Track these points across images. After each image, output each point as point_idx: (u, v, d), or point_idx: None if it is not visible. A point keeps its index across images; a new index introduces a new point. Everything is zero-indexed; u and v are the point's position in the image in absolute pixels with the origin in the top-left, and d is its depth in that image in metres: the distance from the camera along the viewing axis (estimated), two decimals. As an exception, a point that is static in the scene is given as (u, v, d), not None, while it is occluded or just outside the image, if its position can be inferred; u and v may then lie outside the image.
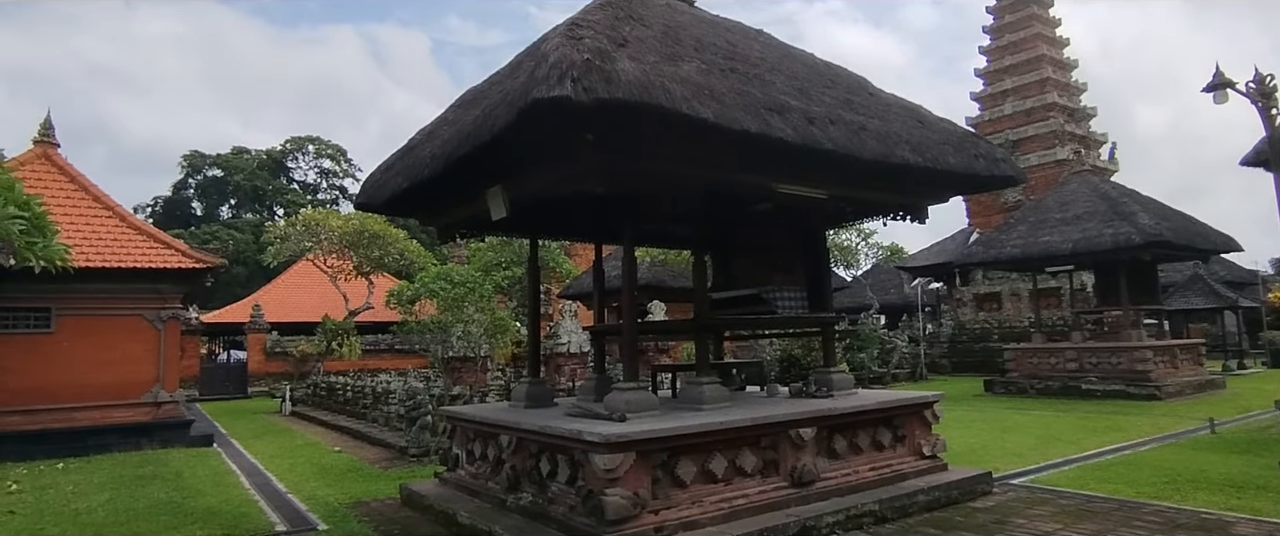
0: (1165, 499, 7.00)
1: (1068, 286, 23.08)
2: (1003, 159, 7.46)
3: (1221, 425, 11.80)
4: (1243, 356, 28.20)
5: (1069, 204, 18.85)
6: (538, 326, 8.57)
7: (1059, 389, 17.88)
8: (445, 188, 6.72)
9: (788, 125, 5.59)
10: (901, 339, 27.20)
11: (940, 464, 7.43)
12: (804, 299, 7.84)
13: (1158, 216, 17.50)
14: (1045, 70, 30.74)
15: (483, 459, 7.18)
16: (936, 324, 31.88)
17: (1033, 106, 30.42)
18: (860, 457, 6.93)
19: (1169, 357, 18.30)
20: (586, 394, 7.62)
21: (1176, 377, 17.74)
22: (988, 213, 30.11)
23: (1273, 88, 9.29)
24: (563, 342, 18.97)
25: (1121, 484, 7.74)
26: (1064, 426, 12.49)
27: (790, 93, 6.13)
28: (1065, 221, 18.25)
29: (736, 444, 6.00)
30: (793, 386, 7.94)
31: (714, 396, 6.65)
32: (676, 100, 4.86)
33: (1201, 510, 6.51)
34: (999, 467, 8.46)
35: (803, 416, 6.43)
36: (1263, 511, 6.46)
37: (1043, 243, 18.25)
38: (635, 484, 5.33)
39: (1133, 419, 13.22)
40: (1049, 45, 31.76)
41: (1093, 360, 18.08)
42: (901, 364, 25.58)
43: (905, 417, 7.39)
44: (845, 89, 6.98)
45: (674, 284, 22.86)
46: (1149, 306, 19.07)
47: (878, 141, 6.26)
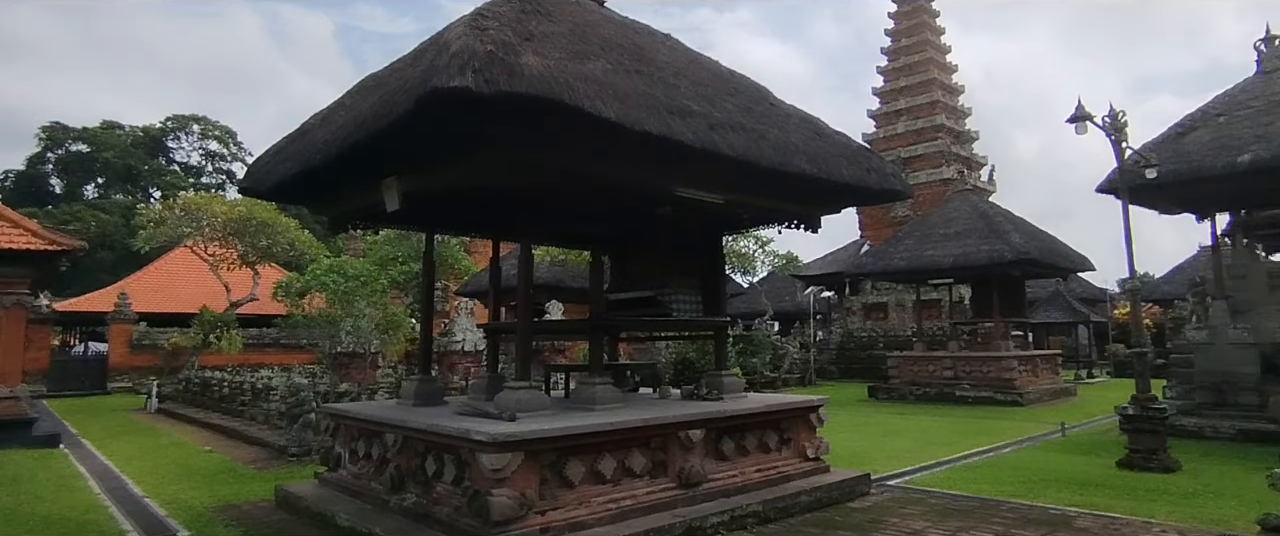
0: (1021, 497, 7.54)
1: (948, 298, 24.54)
2: (892, 174, 7.84)
3: (1071, 429, 12.85)
4: (1092, 367, 30.87)
5: (952, 221, 20.06)
6: (431, 323, 8.33)
7: (936, 395, 18.97)
8: (339, 175, 6.43)
9: (689, 129, 5.66)
10: (793, 345, 28.17)
11: (823, 466, 7.72)
12: (699, 302, 7.99)
13: (1028, 236, 18.89)
14: (935, 93, 32.64)
15: (366, 458, 6.91)
16: (827, 331, 33.19)
17: (923, 127, 32.22)
18: (747, 459, 7.10)
19: (1031, 367, 19.78)
20: (478, 393, 7.48)
21: (1037, 385, 19.19)
22: (878, 226, 31.63)
23: (1124, 123, 10.23)
24: (458, 340, 18.56)
25: (985, 484, 8.29)
26: (939, 430, 13.25)
27: (694, 98, 6.22)
28: (948, 237, 19.41)
29: (627, 445, 6.03)
30: (685, 389, 8.06)
31: (606, 397, 6.65)
32: (580, 98, 4.84)
33: (1050, 506, 7.06)
34: (879, 469, 8.87)
35: (693, 418, 6.53)
36: (1101, 506, 7.07)
37: (927, 256, 19.34)
38: (523, 484, 5.26)
39: (999, 423, 14.20)
40: (940, 70, 33.75)
41: (967, 368, 19.30)
42: (792, 369, 26.48)
43: (791, 421, 7.63)
44: (747, 98, 7.15)
45: (572, 284, 22.79)
46: (1017, 319, 20.53)
47: (776, 150, 6.44)
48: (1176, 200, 13.43)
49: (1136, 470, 8.80)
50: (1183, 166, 11.94)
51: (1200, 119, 13.01)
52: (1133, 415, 9.28)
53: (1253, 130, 11.90)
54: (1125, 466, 8.98)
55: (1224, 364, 12.18)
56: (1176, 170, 11.91)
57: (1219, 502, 7.19)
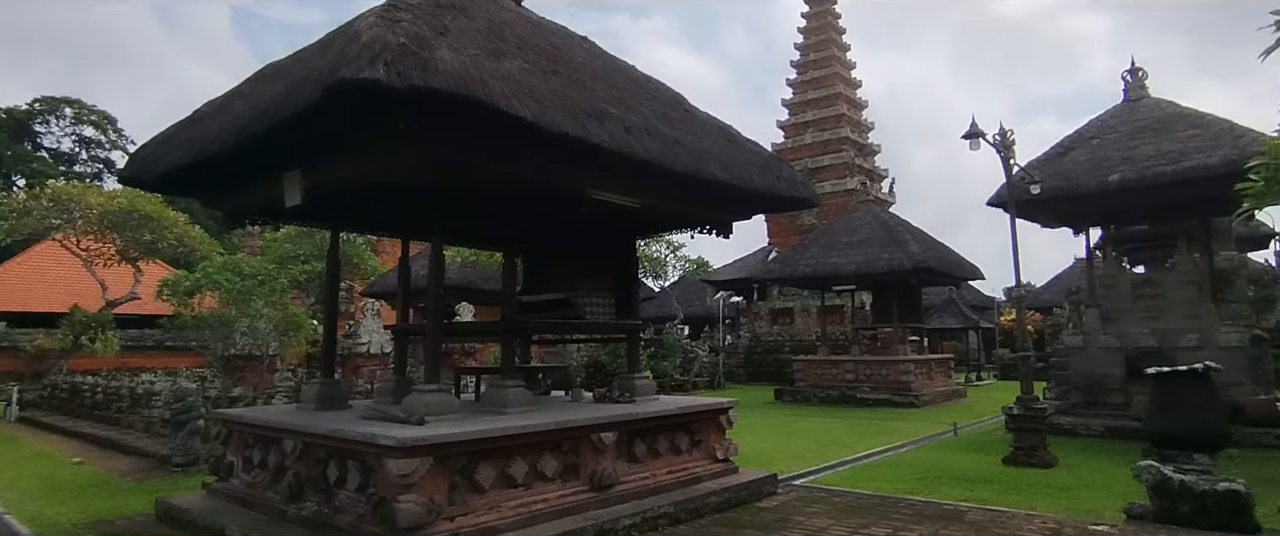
0: (917, 493, 7.91)
1: (850, 304, 25.50)
2: (801, 182, 8.08)
3: (962, 428, 13.59)
4: (980, 370, 32.79)
5: (855, 230, 20.89)
6: (335, 324, 7.99)
7: (838, 397, 19.68)
8: (236, 167, 6.10)
9: (605, 132, 5.67)
10: (703, 348, 28.63)
11: (732, 467, 7.86)
12: (612, 305, 8.00)
13: (925, 246, 19.88)
14: (841, 107, 33.96)
15: (262, 466, 6.55)
16: (735, 335, 33.91)
17: (829, 138, 33.45)
18: (659, 461, 7.15)
19: (926, 370, 20.81)
20: (384, 396, 7.22)
21: (931, 388, 20.21)
22: (785, 233, 32.58)
23: (1012, 141, 10.93)
24: (363, 342, 17.92)
25: (884, 482, 8.65)
26: (841, 431, 13.75)
27: (610, 101, 6.23)
28: (851, 245, 20.20)
29: (539, 448, 5.96)
30: (597, 391, 8.04)
31: (518, 400, 6.56)
32: (496, 96, 4.76)
33: (944, 502, 7.43)
34: (785, 469, 9.11)
35: (605, 421, 6.52)
36: (989, 500, 7.51)
37: (831, 264, 20.06)
38: (431, 490, 5.11)
39: (896, 423, 14.86)
40: (845, 85, 35.14)
41: (867, 371, 20.12)
42: (701, 372, 26.90)
43: (702, 423, 7.73)
44: (663, 103, 7.23)
45: (484, 286, 22.41)
46: (913, 325, 21.55)
47: (690, 156, 6.53)
48: (1056, 215, 14.46)
49: (1020, 466, 9.39)
50: (1062, 184, 12.87)
51: (1077, 140, 14.06)
52: (1017, 415, 9.90)
53: (1121, 153, 12.96)
54: (1010, 463, 9.56)
55: (1095, 367, 13.18)
56: (1057, 187, 12.83)
57: (1091, 494, 7.75)
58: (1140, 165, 12.37)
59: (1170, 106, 13.65)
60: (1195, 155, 11.87)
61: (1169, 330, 12.66)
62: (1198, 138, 12.26)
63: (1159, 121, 13.23)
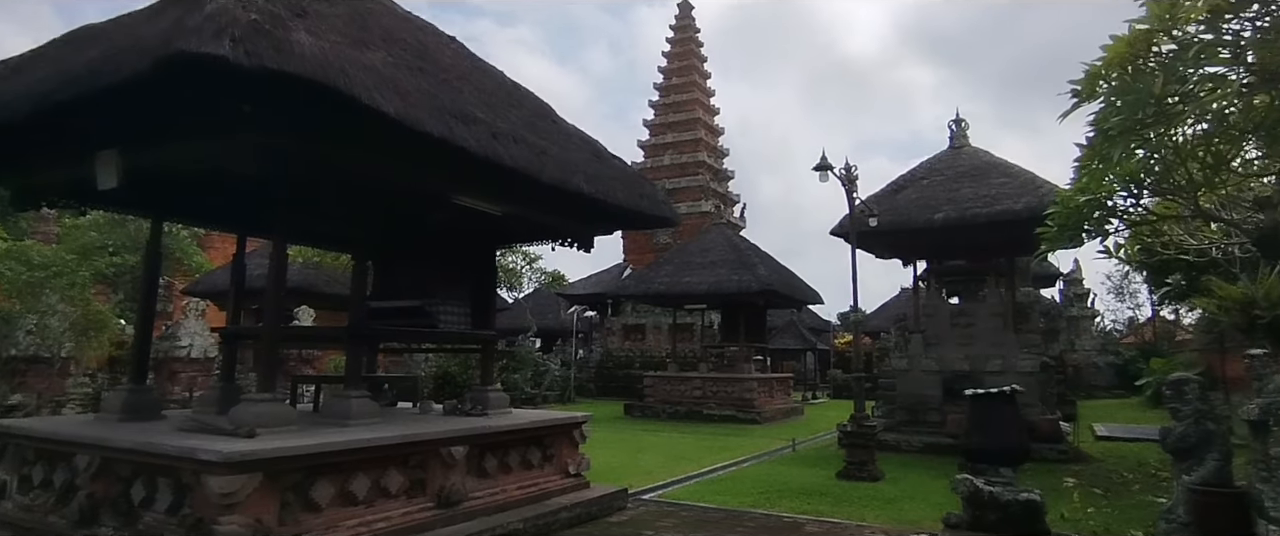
0: (760, 507, 8.22)
1: (700, 323, 26.31)
2: (663, 201, 8.24)
3: (800, 444, 14.33)
4: (816, 389, 34.84)
5: (708, 251, 21.62)
6: (151, 324, 7.16)
7: (686, 413, 20.17)
8: (32, 140, 5.33)
9: (472, 136, 5.49)
10: (555, 362, 28.45)
11: (583, 482, 7.80)
12: (468, 315, 7.74)
13: (772, 270, 20.92)
14: (700, 132, 35.18)
15: (45, 486, 5.71)
16: (588, 350, 33.98)
17: (687, 161, 34.52)
18: (510, 476, 6.96)
19: (768, 389, 21.83)
20: (207, 405, 6.55)
21: (772, 405, 21.21)
22: (641, 251, 33.18)
23: (856, 175, 11.76)
24: (183, 346, 16.25)
25: (730, 495, 8.91)
26: (688, 446, 14.07)
27: (478, 104, 6.05)
28: (704, 266, 20.87)
29: (383, 463, 5.61)
30: (447, 404, 7.74)
31: (362, 411, 6.16)
32: (357, 87, 4.47)
33: (784, 514, 7.77)
34: (634, 484, 9.16)
35: (456, 434, 6.27)
36: (825, 513, 7.93)
37: (685, 283, 20.62)
38: (259, 509, 4.66)
39: (739, 440, 15.42)
40: (705, 111, 36.47)
41: (714, 388, 20.80)
42: (552, 386, 26.69)
43: (555, 437, 7.63)
44: (531, 112, 7.12)
45: (327, 289, 21.05)
46: (758, 345, 22.57)
47: (557, 167, 6.46)
48: (890, 247, 15.69)
49: (852, 480, 10.00)
50: (896, 219, 14.00)
51: (909, 180, 15.38)
52: (850, 432, 10.56)
53: (945, 194, 14.30)
54: (843, 477, 10.17)
55: (918, 388, 14.37)
56: (891, 221, 13.94)
57: (913, 505, 8.39)
58: (961, 206, 13.71)
59: (987, 155, 15.25)
60: (1005, 201, 13.31)
61: (979, 356, 14.04)
62: (1008, 185, 13.77)
63: (977, 168, 14.74)
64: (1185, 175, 7.63)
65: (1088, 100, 7.40)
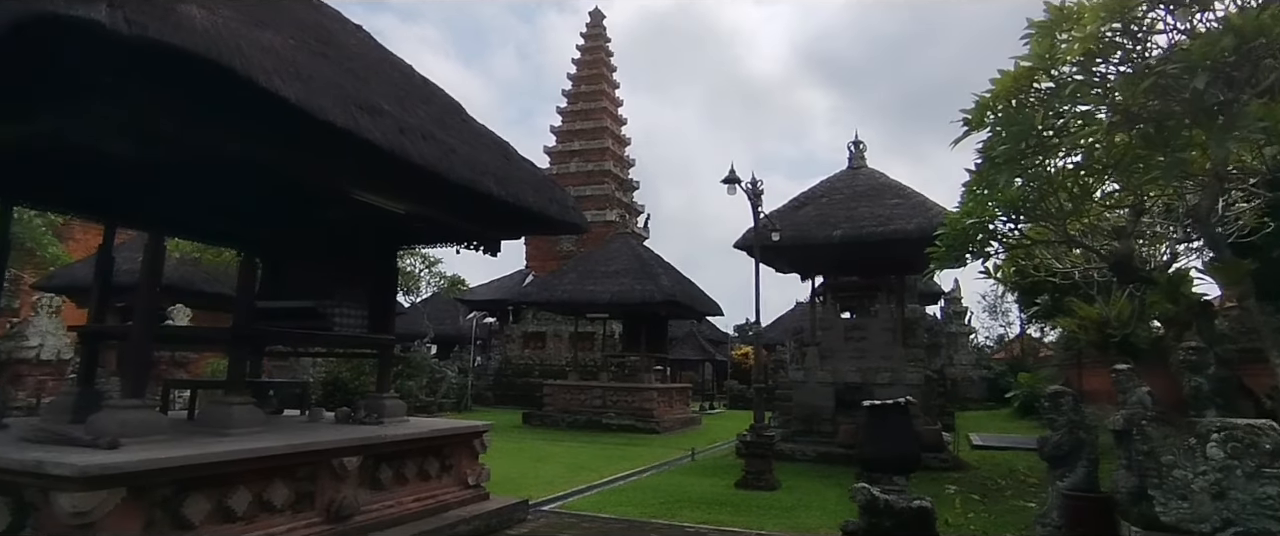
0: (662, 516, 8.20)
1: (602, 332, 26.23)
2: (573, 207, 8.11)
3: (699, 454, 14.48)
4: (713, 399, 35.46)
5: (612, 260, 21.62)
6: (-6, 320, 6.39)
7: (586, 422, 20.02)
8: None
9: (378, 128, 5.21)
10: (452, 369, 27.66)
11: (483, 493, 7.55)
12: (366, 318, 7.35)
13: (675, 281, 21.14)
14: (607, 141, 35.24)
15: None
16: (486, 357, 33.25)
17: (593, 170, 34.49)
18: (406, 488, 6.64)
19: (668, 399, 22.00)
20: (59, 412, 5.90)
21: (672, 415, 21.38)
22: (544, 258, 32.85)
23: (761, 190, 12.03)
24: (31, 346, 14.73)
25: (631, 506, 8.86)
26: (588, 456, 13.94)
27: (385, 96, 5.76)
28: (608, 275, 20.84)
29: (267, 475, 5.21)
30: (340, 411, 7.31)
31: (246, 419, 5.72)
32: (254, 68, 4.14)
33: (686, 525, 7.78)
34: (534, 495, 8.96)
35: (349, 444, 5.91)
36: (725, 522, 8.00)
37: (588, 291, 20.51)
38: (119, 528, 4.20)
39: (639, 449, 15.43)
40: (613, 121, 36.57)
41: (614, 398, 20.76)
42: (449, 394, 25.92)
43: (455, 447, 7.35)
44: (440, 108, 6.87)
45: (207, 288, 19.62)
46: (659, 355, 22.73)
47: (466, 167, 6.24)
48: (790, 261, 16.16)
49: (750, 489, 10.16)
50: (797, 234, 14.44)
51: (810, 198, 15.92)
52: (750, 442, 10.74)
53: (844, 212, 14.89)
54: (742, 486, 10.32)
55: (813, 399, 14.82)
56: (793, 237, 14.36)
57: (809, 514, 8.60)
58: (858, 225, 14.30)
59: (882, 177, 15.98)
60: (898, 221, 13.98)
61: (870, 368, 14.64)
62: (901, 206, 14.47)
63: (873, 189, 15.42)
64: (1056, 203, 8.21)
65: (977, 129, 7.87)
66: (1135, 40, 6.76)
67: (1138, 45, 6.75)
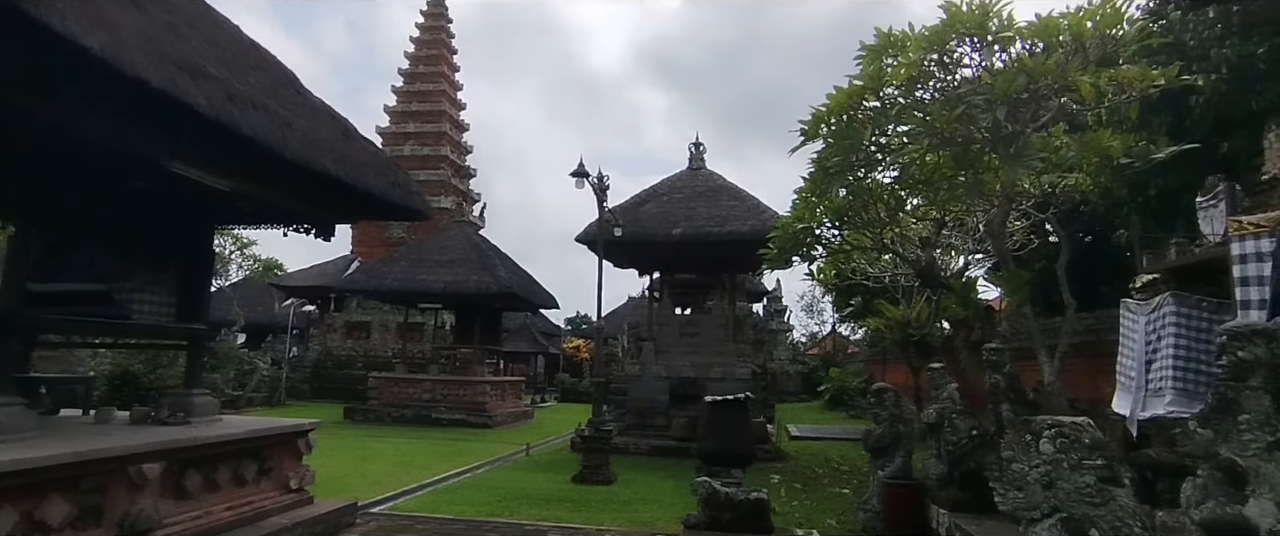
0: (500, 515, 8.01)
1: (433, 323, 25.27)
2: (417, 192, 7.71)
3: (534, 448, 14.35)
4: (545, 392, 35.35)
5: (447, 249, 20.86)
6: None
7: (414, 417, 19.19)
8: None
9: (202, 93, 4.62)
10: (263, 360, 25.46)
11: (307, 497, 6.98)
12: (173, 305, 6.55)
13: (512, 272, 20.78)
14: (444, 126, 33.91)
15: None
16: (303, 348, 30.95)
17: (429, 154, 33.07)
18: (217, 496, 5.97)
19: (501, 392, 21.62)
20: None
21: (504, 409, 21.03)
22: (372, 244, 31.07)
23: (607, 186, 12.10)
24: None
25: (467, 504, 8.57)
26: (418, 453, 13.35)
27: (211, 58, 5.13)
28: (442, 264, 20.09)
29: (41, 490, 4.45)
30: (136, 410, 6.43)
31: (15, 423, 4.87)
32: (49, 11, 3.51)
33: (526, 522, 7.66)
34: (362, 495, 8.42)
35: (150, 448, 5.21)
36: (565, 519, 7.95)
37: (421, 280, 19.66)
38: None
39: (472, 444, 15.01)
40: (451, 105, 35.25)
41: (445, 392, 20.07)
42: (259, 388, 23.85)
43: (275, 448, 6.72)
44: (273, 77, 6.24)
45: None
46: (493, 347, 22.27)
47: (303, 144, 5.70)
48: (630, 257, 16.42)
49: (587, 483, 10.19)
50: (639, 230, 14.69)
51: (651, 195, 16.25)
52: (588, 436, 10.77)
53: (684, 211, 15.36)
54: (579, 480, 10.32)
55: (648, 393, 15.15)
56: (635, 233, 14.60)
57: (646, 507, 8.76)
58: (697, 224, 14.81)
59: (720, 179, 16.64)
60: (734, 222, 14.64)
61: (704, 363, 15.21)
62: (737, 208, 15.16)
63: (712, 190, 16.03)
64: (875, 213, 8.99)
65: (812, 139, 8.42)
66: (947, 71, 7.52)
67: (949, 75, 7.51)
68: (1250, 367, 2.55)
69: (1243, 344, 2.62)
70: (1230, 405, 2.45)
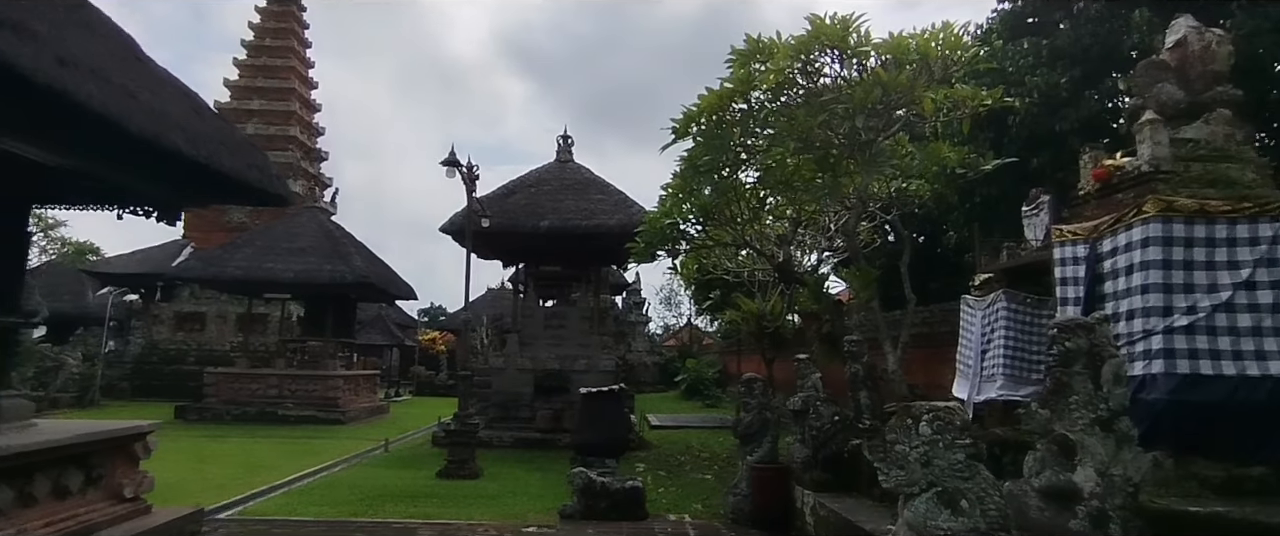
0: (364, 514, 7.69)
1: (279, 314, 23.61)
2: (278, 176, 7.19)
3: (393, 444, 13.82)
4: (399, 386, 34.05)
5: (298, 236, 19.56)
6: None
7: (257, 415, 17.89)
8: None
9: (29, 55, 4.10)
10: (73, 356, 22.74)
11: (144, 506, 6.35)
12: (-22, 293, 5.73)
13: (369, 261, 19.84)
14: (294, 104, 31.63)
15: None
16: (123, 341, 27.94)
17: (275, 134, 30.72)
18: (33, 511, 5.31)
19: (355, 386, 20.63)
20: None
21: (358, 404, 20.08)
22: (208, 229, 28.50)
23: (478, 175, 11.85)
24: None
25: (327, 505, 8.16)
26: (265, 453, 12.49)
27: (35, 15, 4.54)
28: (292, 252, 18.82)
29: None
30: (-70, 415, 5.60)
31: None
32: None
33: (393, 521, 7.40)
34: (205, 501, 7.76)
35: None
36: (434, 515, 7.76)
37: (268, 269, 18.32)
38: None
39: (324, 442, 14.23)
40: (302, 83, 32.92)
41: (293, 387, 18.86)
42: (67, 387, 21.34)
43: (107, 454, 6.07)
44: (113, 42, 5.61)
45: None
46: (347, 340, 21.16)
47: (148, 117, 5.18)
48: (495, 248, 16.16)
49: (453, 478, 9.97)
50: (507, 222, 14.50)
51: (519, 186, 16.08)
52: (454, 430, 10.54)
53: (551, 203, 15.32)
54: (445, 475, 10.08)
55: (513, 385, 15.00)
56: (502, 224, 14.38)
57: (515, 500, 8.70)
58: (564, 216, 14.82)
59: (588, 172, 16.73)
60: (602, 216, 14.79)
61: (568, 355, 15.26)
62: (604, 202, 15.31)
63: (580, 183, 16.08)
64: (738, 212, 9.44)
65: (682, 138, 8.72)
66: (810, 79, 8.02)
67: (812, 83, 8.01)
68: (1075, 355, 2.98)
69: (1069, 335, 3.06)
70: (1063, 388, 2.88)
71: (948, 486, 2.68)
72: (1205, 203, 4.49)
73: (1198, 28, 5.26)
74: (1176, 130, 4.98)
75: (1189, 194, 4.60)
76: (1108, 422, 2.86)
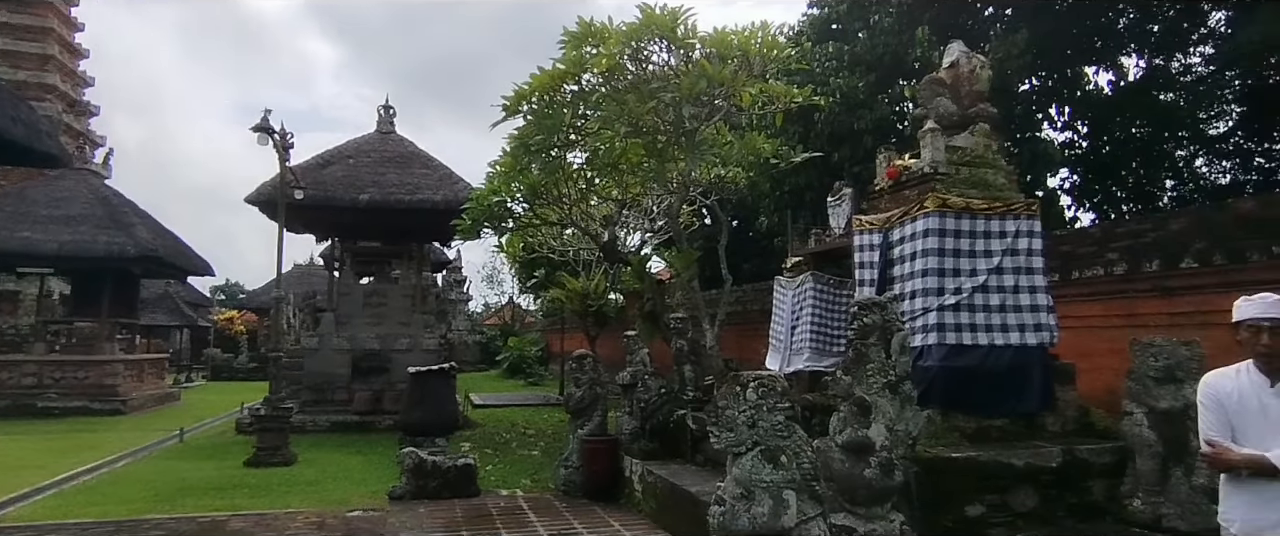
0: (160, 511, 7.05)
1: (36, 291, 20.50)
2: (50, 133, 6.36)
3: (189, 433, 12.64)
4: (191, 371, 30.89)
5: (63, 201, 17.07)
6: None
7: (11, 407, 15.47)
8: None
9: None
10: None
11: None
12: None
13: (156, 233, 17.78)
14: (53, 48, 27.24)
15: None
16: None
17: (29, 80, 26.27)
18: None
19: (139, 372, 18.49)
20: None
21: (142, 391, 18.02)
22: (-64, 189, 23.98)
23: (292, 144, 11.04)
24: None
25: (112, 504, 7.38)
26: (26, 451, 10.91)
27: None
28: (57, 220, 16.42)
29: None
30: None
31: None
32: None
33: (197, 515, 6.86)
34: (-45, 508, 6.77)
35: None
36: (245, 506, 7.28)
37: (23, 239, 15.85)
38: None
39: (103, 435, 12.69)
40: (64, 24, 28.41)
41: (57, 375, 16.53)
42: None
43: None
44: None
45: None
46: (127, 320, 18.87)
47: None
48: (309, 221, 15.13)
49: (264, 467, 9.34)
50: (321, 194, 13.62)
51: (337, 156, 15.14)
52: (265, 415, 9.86)
53: (371, 176, 14.60)
54: (253, 464, 9.42)
55: (328, 367, 14.21)
56: (316, 196, 13.50)
57: (337, 485, 8.35)
58: (386, 190, 14.19)
59: (411, 145, 16.08)
60: (426, 191, 14.33)
61: (389, 334, 14.70)
62: (429, 177, 14.83)
63: (402, 156, 15.43)
64: (566, 192, 9.65)
65: (512, 115, 8.75)
66: (640, 66, 8.36)
67: (642, 69, 8.35)
68: (871, 329, 3.50)
69: (867, 312, 3.56)
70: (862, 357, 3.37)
71: (770, 445, 3.06)
72: (970, 201, 5.34)
73: (968, 52, 6.16)
74: (950, 138, 5.82)
75: (958, 193, 5.43)
76: (895, 386, 3.40)
